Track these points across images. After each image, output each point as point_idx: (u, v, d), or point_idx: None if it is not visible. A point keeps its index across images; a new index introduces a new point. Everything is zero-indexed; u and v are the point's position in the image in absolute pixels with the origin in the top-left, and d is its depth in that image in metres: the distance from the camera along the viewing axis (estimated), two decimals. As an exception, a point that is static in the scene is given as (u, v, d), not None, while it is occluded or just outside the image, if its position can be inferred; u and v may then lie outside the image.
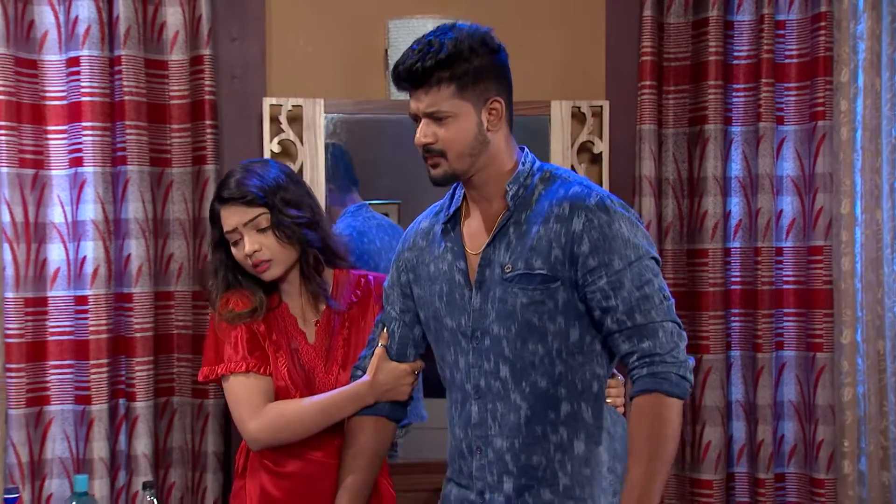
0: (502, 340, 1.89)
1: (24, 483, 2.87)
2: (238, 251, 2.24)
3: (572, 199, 1.88)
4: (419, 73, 1.89)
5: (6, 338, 2.87)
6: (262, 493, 2.28)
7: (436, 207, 2.13)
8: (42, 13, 2.93)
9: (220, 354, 2.26)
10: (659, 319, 1.83)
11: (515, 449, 1.91)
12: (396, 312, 2.13)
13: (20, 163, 2.91)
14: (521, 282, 1.88)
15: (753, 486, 3.13)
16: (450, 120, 1.90)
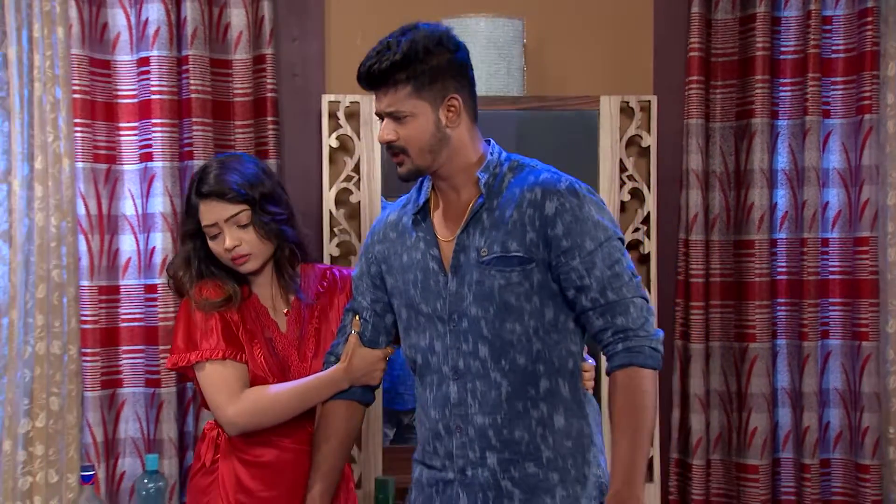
0: (480, 321, 1.94)
1: (99, 462, 2.93)
2: (217, 245, 2.25)
3: (543, 184, 1.94)
4: (376, 74, 1.94)
5: (81, 324, 2.93)
6: (236, 484, 2.28)
7: (403, 200, 2.16)
8: (115, 16, 2.98)
9: (192, 342, 2.25)
10: (630, 296, 1.90)
11: (498, 425, 1.95)
12: (368, 302, 2.17)
13: (94, 158, 2.96)
14: (498, 264, 1.93)
15: (799, 472, 3.12)
16: (409, 119, 1.94)
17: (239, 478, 2.27)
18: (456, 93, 1.95)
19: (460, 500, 1.99)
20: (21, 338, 2.90)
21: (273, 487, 2.27)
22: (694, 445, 3.11)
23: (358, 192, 2.98)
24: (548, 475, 1.96)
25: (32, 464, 2.91)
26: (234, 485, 2.26)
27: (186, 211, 2.31)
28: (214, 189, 2.21)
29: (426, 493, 2.07)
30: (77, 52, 2.91)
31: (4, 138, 2.93)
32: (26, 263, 2.91)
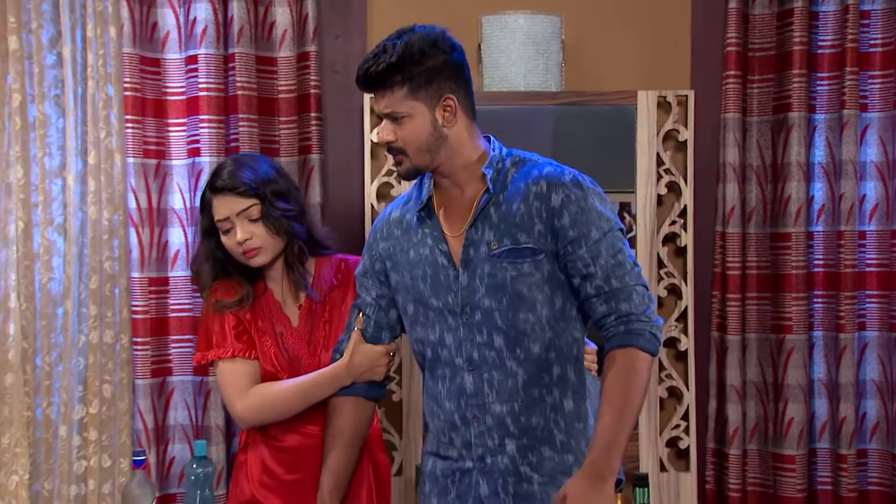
0: (494, 313, 1.96)
1: (150, 447, 2.98)
2: (229, 239, 2.28)
3: (548, 177, 1.96)
4: (373, 76, 1.96)
5: (132, 314, 2.98)
6: (262, 467, 2.33)
7: (404, 198, 2.17)
8: (164, 15, 3.02)
9: (208, 342, 2.32)
10: (632, 284, 1.94)
11: (515, 412, 1.97)
12: (372, 298, 2.17)
13: (144, 153, 3.01)
14: (510, 256, 1.95)
15: (835, 462, 3.13)
16: (406, 119, 1.96)
17: (264, 461, 2.32)
18: (451, 93, 1.97)
19: (480, 488, 2.00)
20: (75, 327, 2.96)
21: (296, 471, 2.30)
22: (731, 435, 3.12)
23: (398, 186, 2.99)
24: (563, 458, 1.99)
25: (87, 448, 2.97)
26: (259, 467, 2.31)
27: (201, 208, 2.35)
28: (227, 184, 2.26)
29: (441, 485, 2.08)
30: (128, 50, 2.96)
31: (59, 134, 2.98)
32: (80, 255, 2.97)
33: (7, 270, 2.93)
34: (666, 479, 3.03)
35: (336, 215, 3.08)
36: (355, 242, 2.96)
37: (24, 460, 2.94)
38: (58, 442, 2.95)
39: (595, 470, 1.84)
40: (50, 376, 2.96)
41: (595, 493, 1.82)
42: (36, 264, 2.96)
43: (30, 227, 2.96)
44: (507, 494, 1.98)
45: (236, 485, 2.38)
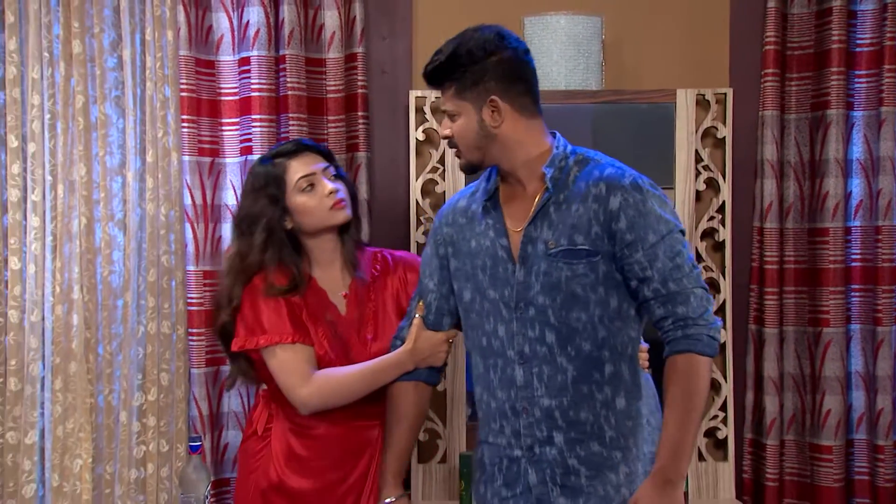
0: (548, 310, 1.98)
1: (205, 433, 3.03)
2: (311, 197, 2.27)
3: (608, 179, 1.97)
4: (428, 76, 2.06)
5: (188, 306, 3.03)
6: (288, 451, 2.33)
7: (471, 188, 2.19)
8: (219, 19, 3.06)
9: (260, 326, 2.27)
10: (690, 287, 1.93)
11: (564, 406, 1.99)
12: (434, 284, 2.20)
13: (199, 152, 3.04)
14: (566, 256, 1.97)
15: (872, 453, 3.11)
16: (456, 118, 2.02)
17: (291, 446, 2.32)
18: (497, 94, 1.99)
19: (528, 476, 2.03)
20: (134, 318, 3.02)
21: (323, 458, 2.32)
22: (768, 426, 3.12)
23: (443, 183, 3.01)
24: (611, 454, 2.01)
25: (146, 434, 3.03)
26: (285, 452, 2.32)
27: (265, 180, 2.31)
28: (305, 146, 2.31)
29: (488, 472, 2.11)
30: (184, 53, 3.00)
31: (120, 134, 3.04)
32: (139, 249, 3.03)
33: (71, 264, 2.99)
34: (704, 468, 3.04)
35: (382, 211, 3.10)
36: (400, 237, 3.02)
37: (87, 444, 3.02)
38: (118, 427, 3.01)
39: (664, 477, 1.89)
40: (111, 365, 3.02)
41: (665, 499, 1.87)
42: (97, 258, 3.02)
43: (92, 223, 3.02)
44: (555, 485, 2.01)
45: (254, 470, 2.37)
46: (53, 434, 2.99)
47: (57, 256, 3.00)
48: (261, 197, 2.30)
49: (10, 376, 2.98)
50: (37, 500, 3.00)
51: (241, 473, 2.39)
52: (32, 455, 2.98)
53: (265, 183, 2.30)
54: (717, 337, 1.96)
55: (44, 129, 3.00)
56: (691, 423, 1.91)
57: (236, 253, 2.32)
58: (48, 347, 3.00)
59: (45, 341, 3.01)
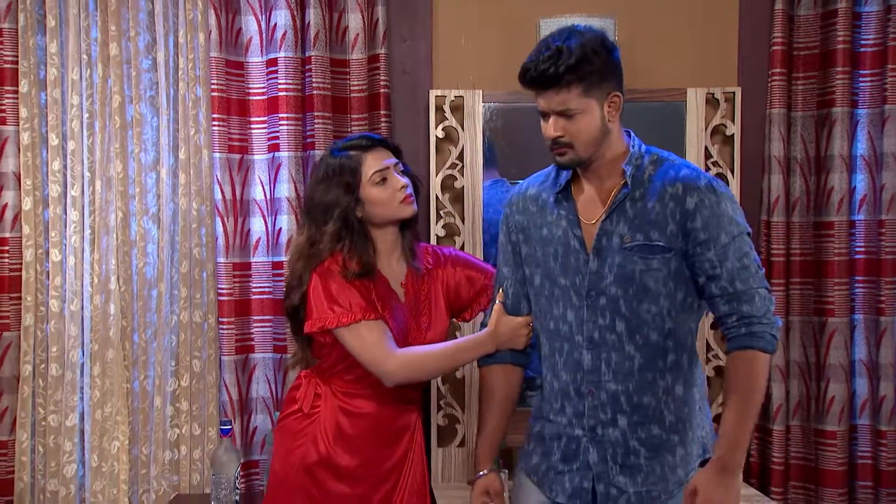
0: (619, 300, 2.03)
1: (235, 417, 3.07)
2: (383, 190, 2.29)
3: (684, 180, 2.01)
4: (553, 76, 1.98)
5: (218, 296, 3.07)
6: (337, 431, 2.33)
7: (540, 177, 2.22)
8: (248, 22, 3.09)
9: (340, 305, 2.24)
10: (755, 287, 1.99)
11: (629, 391, 2.05)
12: (509, 271, 2.23)
13: (229, 149, 3.07)
14: (642, 251, 2.01)
15: (875, 437, 3.13)
16: (578, 116, 2.01)
17: (340, 425, 2.33)
18: (617, 90, 2.04)
19: (590, 455, 2.08)
20: (168, 307, 3.08)
21: (369, 437, 2.34)
22: (774, 412, 3.14)
23: (461, 178, 3.05)
24: (669, 437, 2.06)
25: (179, 418, 3.09)
26: (334, 430, 2.33)
27: (347, 169, 2.31)
28: (380, 140, 2.35)
29: (547, 446, 2.15)
30: (215, 54, 3.03)
31: (153, 132, 3.09)
32: (172, 242, 3.09)
33: (108, 256, 3.05)
34: None
35: None
36: (422, 231, 2.95)
37: (124, 427, 3.09)
38: (153, 411, 3.08)
39: (722, 465, 1.95)
40: (146, 352, 3.08)
41: (723, 486, 1.94)
42: (133, 250, 3.08)
43: (127, 217, 3.07)
44: (616, 464, 2.06)
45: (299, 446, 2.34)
46: (92, 417, 3.06)
47: (95, 249, 3.07)
48: (335, 186, 2.31)
49: (52, 362, 3.05)
50: (77, 479, 3.07)
51: (283, 449, 2.37)
52: (73, 437, 3.06)
53: (340, 173, 2.31)
54: (777, 335, 2.01)
55: (83, 128, 3.07)
56: (750, 417, 1.98)
57: (307, 239, 2.32)
58: (87, 335, 3.07)
59: (84, 329, 3.08)
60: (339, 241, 2.29)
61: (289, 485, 2.33)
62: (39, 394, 3.08)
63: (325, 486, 2.31)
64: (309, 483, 2.31)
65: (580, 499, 2.09)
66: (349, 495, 2.31)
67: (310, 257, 2.30)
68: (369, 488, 2.32)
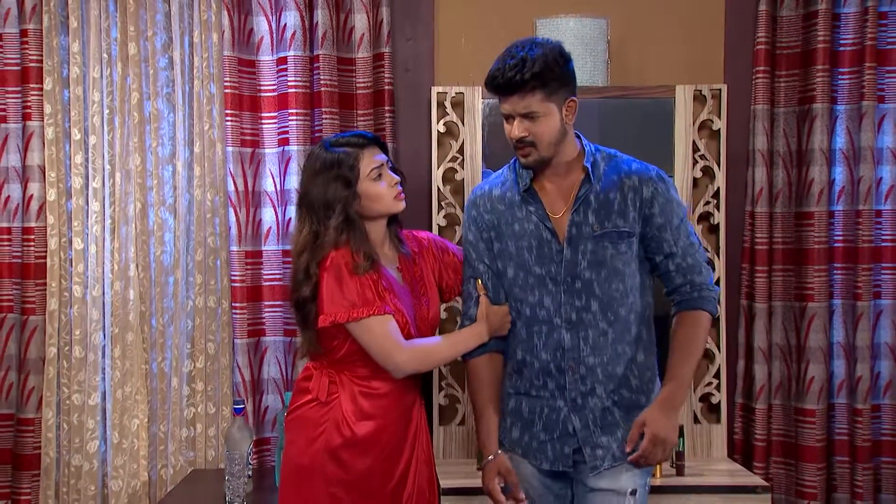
0: (593, 283, 2.21)
1: (247, 397, 3.14)
2: (381, 186, 2.34)
3: (638, 173, 2.23)
4: (519, 82, 2.13)
5: (231, 283, 3.12)
6: (359, 413, 2.34)
7: (498, 179, 2.35)
8: (259, 22, 3.13)
9: (353, 301, 2.26)
10: (701, 261, 2.28)
11: (604, 363, 2.23)
12: (485, 266, 2.34)
13: (241, 143, 3.12)
14: (611, 237, 2.21)
15: (852, 416, 3.16)
16: (541, 118, 2.16)
17: (361, 407, 2.35)
18: (573, 95, 2.19)
19: (572, 422, 2.23)
20: (184, 293, 3.14)
21: (387, 414, 2.36)
22: (757, 392, 3.19)
23: (462, 171, 3.08)
24: (637, 398, 2.26)
25: (194, 397, 3.16)
26: (356, 412, 2.34)
27: (345, 164, 2.32)
28: (373, 138, 2.40)
29: (526, 419, 2.29)
30: (228, 53, 3.08)
31: (170, 127, 3.15)
32: (187, 231, 3.14)
33: (127, 244, 3.12)
34: (699, 430, 3.12)
35: (406, 197, 3.03)
36: (423, 221, 3.08)
37: (143, 406, 3.16)
38: (170, 391, 3.14)
39: (669, 402, 2.19)
40: (163, 335, 3.15)
41: (668, 419, 2.18)
42: (151, 239, 3.14)
43: (146, 207, 3.13)
44: (597, 427, 2.23)
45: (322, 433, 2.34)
46: (113, 396, 3.13)
47: (115, 237, 3.13)
48: (333, 181, 2.33)
49: (75, 345, 3.13)
50: (99, 454, 3.15)
51: (302, 437, 2.36)
52: (95, 415, 3.13)
53: (339, 168, 2.33)
54: (718, 300, 2.25)
55: (103, 123, 3.13)
56: (692, 366, 2.22)
57: (310, 232, 2.33)
58: (108, 319, 3.14)
59: (105, 314, 3.14)
60: (342, 234, 2.32)
61: (315, 472, 2.33)
62: (64, 374, 3.15)
63: (351, 467, 2.34)
64: (335, 467, 2.33)
65: (562, 463, 2.26)
66: (374, 471, 2.35)
67: (314, 250, 2.32)
68: (391, 462, 2.37)
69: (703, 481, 2.89)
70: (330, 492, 2.33)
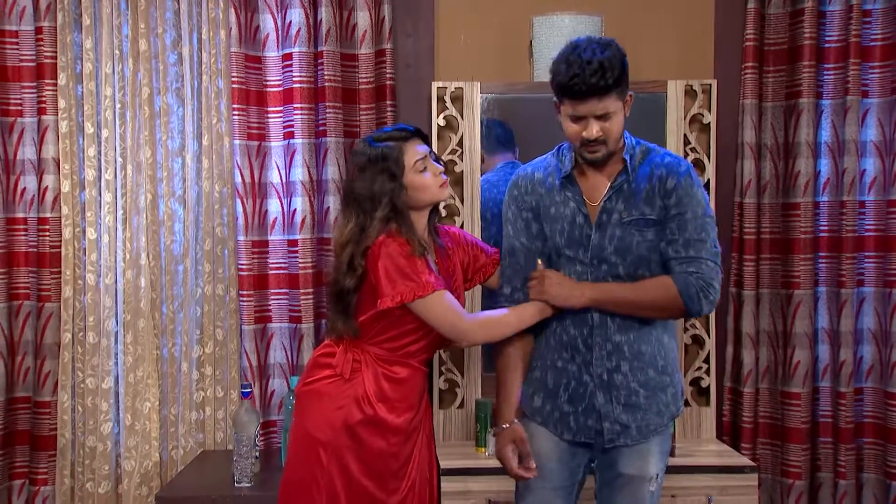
0: (619, 266, 2.26)
1: (254, 381, 3.18)
2: (426, 176, 2.36)
3: (668, 166, 2.26)
4: (604, 87, 2.14)
5: (239, 271, 3.16)
6: (380, 394, 2.38)
7: (542, 164, 2.40)
8: (265, 20, 3.16)
9: (412, 280, 2.28)
10: (706, 257, 2.23)
11: (631, 341, 2.28)
12: (521, 244, 2.37)
13: (248, 136, 3.15)
14: (638, 225, 2.25)
15: (835, 398, 3.21)
16: (613, 116, 2.20)
17: (382, 388, 2.38)
18: (630, 91, 2.24)
19: (596, 398, 2.28)
20: (193, 281, 3.19)
21: (405, 397, 2.41)
22: (745, 376, 3.24)
23: (461, 163, 3.11)
24: (661, 378, 2.31)
25: (204, 381, 3.21)
26: (377, 393, 2.38)
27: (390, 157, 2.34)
28: (416, 131, 2.41)
29: (551, 390, 2.34)
30: (235, 50, 3.12)
31: (179, 121, 3.19)
32: (196, 222, 3.19)
33: (138, 234, 3.16)
34: (689, 412, 3.18)
35: None
36: None
37: (154, 390, 3.21)
38: (181, 376, 3.19)
39: (583, 289, 2.23)
40: (173, 321, 3.19)
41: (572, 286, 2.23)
42: (161, 229, 3.18)
43: (156, 198, 3.18)
44: (619, 404, 2.28)
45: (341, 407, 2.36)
46: (126, 380, 3.18)
47: (127, 227, 3.17)
48: (380, 174, 2.35)
49: (89, 331, 3.18)
50: (113, 435, 3.20)
51: (319, 411, 2.39)
52: (108, 398, 3.18)
53: (385, 161, 2.35)
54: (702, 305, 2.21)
55: (115, 117, 3.17)
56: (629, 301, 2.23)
57: (356, 225, 2.35)
58: (120, 306, 3.19)
59: (118, 301, 3.19)
60: (388, 224, 2.33)
61: (328, 446, 2.36)
62: (78, 359, 3.20)
63: (366, 444, 2.37)
64: (350, 441, 2.36)
65: (584, 435, 2.31)
66: (386, 453, 2.39)
67: (359, 243, 2.34)
68: (401, 445, 2.41)
69: (693, 461, 2.93)
70: (342, 464, 2.37)
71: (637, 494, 2.30)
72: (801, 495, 3.22)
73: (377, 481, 2.39)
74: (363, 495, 2.38)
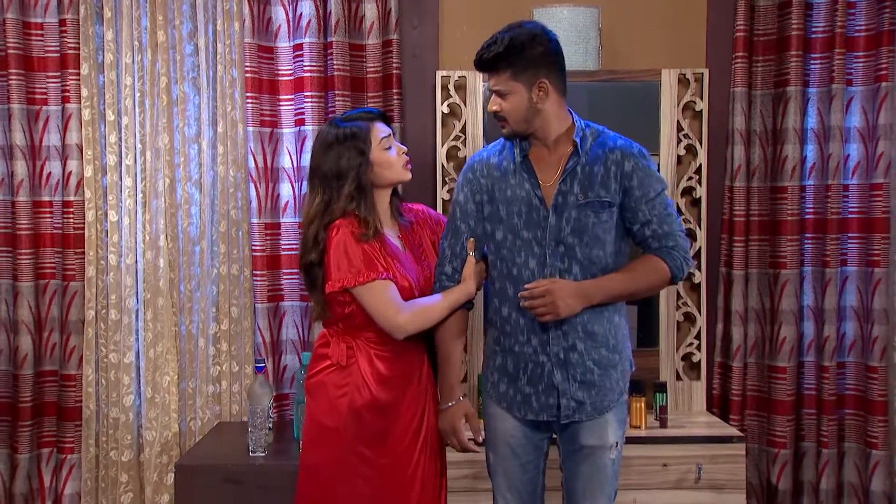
0: (575, 247, 2.28)
1: (268, 357, 3.25)
2: (391, 153, 2.38)
3: (622, 148, 2.30)
4: (487, 61, 2.24)
5: (252, 252, 3.22)
6: (377, 375, 2.38)
7: (495, 148, 2.40)
8: (277, 12, 3.21)
9: (357, 267, 2.28)
10: (678, 230, 2.32)
11: (584, 321, 2.30)
12: (467, 226, 2.38)
13: (261, 123, 3.21)
14: (593, 207, 2.28)
15: (819, 372, 3.27)
16: (508, 96, 2.25)
17: (378, 369, 2.39)
18: (545, 78, 2.24)
19: (554, 376, 2.31)
20: (209, 262, 3.24)
21: (401, 374, 2.42)
22: (734, 351, 3.29)
23: (464, 149, 3.16)
24: (613, 356, 2.35)
25: (220, 357, 3.26)
26: (374, 375, 2.39)
27: (357, 136, 2.34)
28: (380, 113, 2.46)
29: (511, 374, 2.37)
30: (249, 40, 3.17)
31: (195, 109, 3.24)
32: (212, 205, 3.23)
33: (157, 217, 3.21)
34: (681, 386, 3.25)
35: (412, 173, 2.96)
36: (428, 195, 3.16)
37: (173, 364, 3.26)
38: (198, 351, 3.25)
39: (584, 290, 2.25)
40: (191, 300, 3.25)
41: (572, 293, 2.21)
42: (178, 212, 3.23)
43: (174, 183, 3.22)
44: (575, 381, 2.32)
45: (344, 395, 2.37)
46: (146, 356, 3.23)
47: (146, 210, 3.22)
48: (347, 150, 2.35)
49: (111, 308, 3.23)
50: (134, 407, 3.26)
51: (324, 401, 2.40)
52: (130, 372, 3.24)
53: (353, 138, 2.35)
54: (684, 270, 2.29)
55: (135, 105, 3.21)
56: (624, 287, 2.28)
57: (322, 201, 2.35)
58: (140, 285, 3.24)
59: (138, 280, 3.24)
60: (352, 202, 2.34)
61: (339, 432, 2.37)
62: (101, 335, 3.25)
63: (373, 425, 2.38)
64: (358, 425, 2.37)
65: (546, 413, 2.34)
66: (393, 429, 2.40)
67: (324, 217, 2.34)
68: (407, 419, 2.42)
69: (684, 432, 2.99)
70: (356, 451, 2.39)
71: (599, 462, 2.35)
72: (786, 463, 3.27)
73: (391, 457, 2.40)
74: (377, 469, 2.40)
